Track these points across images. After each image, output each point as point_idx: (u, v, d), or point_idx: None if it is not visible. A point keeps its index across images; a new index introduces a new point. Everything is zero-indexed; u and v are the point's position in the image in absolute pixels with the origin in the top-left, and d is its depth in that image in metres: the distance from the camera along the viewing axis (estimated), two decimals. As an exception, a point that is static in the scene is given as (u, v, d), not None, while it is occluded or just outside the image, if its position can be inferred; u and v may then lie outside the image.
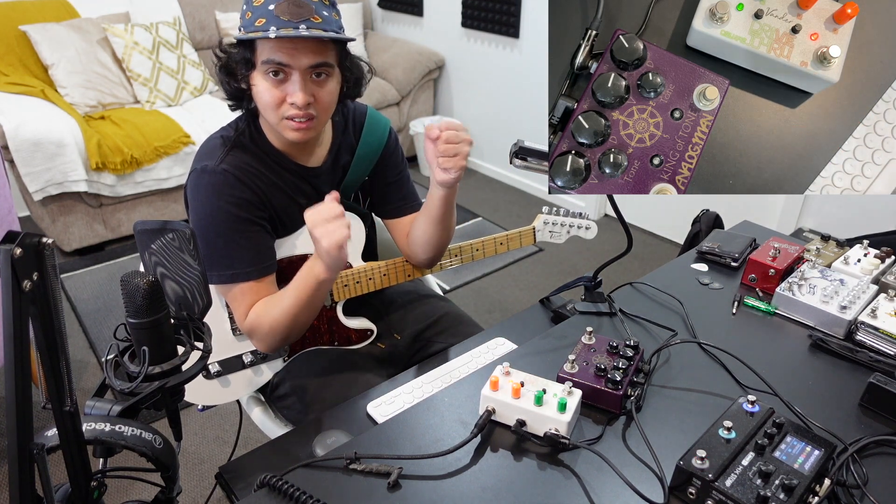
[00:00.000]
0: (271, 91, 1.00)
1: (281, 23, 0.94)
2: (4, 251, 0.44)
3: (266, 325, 1.06)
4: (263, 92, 1.01)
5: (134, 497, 0.70)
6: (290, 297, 1.03)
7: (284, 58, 0.97)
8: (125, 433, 0.57)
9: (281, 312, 1.04)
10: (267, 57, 0.98)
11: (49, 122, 2.61)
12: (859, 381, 0.90)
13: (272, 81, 1.00)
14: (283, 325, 1.05)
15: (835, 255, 1.19)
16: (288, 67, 0.98)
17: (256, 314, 1.07)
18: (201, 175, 1.05)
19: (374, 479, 0.75)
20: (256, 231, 1.08)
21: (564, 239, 1.40)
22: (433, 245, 1.19)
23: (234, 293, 1.08)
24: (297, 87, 0.99)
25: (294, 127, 1.02)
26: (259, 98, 1.02)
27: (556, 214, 1.37)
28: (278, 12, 0.95)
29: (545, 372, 0.93)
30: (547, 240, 1.39)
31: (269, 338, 1.08)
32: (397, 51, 3.74)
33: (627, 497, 0.72)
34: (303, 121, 1.02)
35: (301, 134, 1.03)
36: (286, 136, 1.05)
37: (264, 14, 0.95)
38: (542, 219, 1.37)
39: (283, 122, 1.03)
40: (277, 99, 1.00)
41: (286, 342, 1.10)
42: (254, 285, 1.07)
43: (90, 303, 2.53)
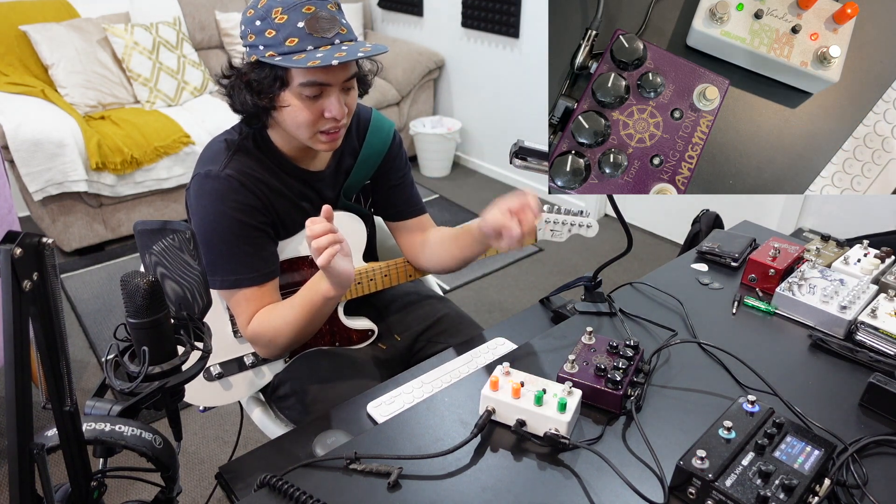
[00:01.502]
0: (307, 110, 0.98)
1: (316, 41, 0.93)
2: (4, 251, 0.44)
3: (269, 335, 1.06)
4: (299, 111, 0.99)
5: (134, 497, 0.70)
6: (295, 310, 1.04)
7: (326, 77, 0.96)
8: (125, 433, 0.57)
9: (285, 324, 1.05)
10: (306, 79, 0.95)
11: (49, 122, 2.61)
12: (859, 381, 0.90)
13: (309, 101, 0.98)
14: (287, 337, 1.06)
15: (835, 255, 1.19)
16: (328, 86, 0.98)
17: (259, 322, 1.07)
18: (205, 180, 1.04)
19: (374, 479, 0.75)
20: (260, 237, 1.07)
21: (566, 237, 1.39)
22: (446, 268, 1.23)
23: (237, 298, 1.07)
24: (335, 102, 0.98)
25: (327, 139, 1.03)
26: (292, 117, 1.00)
27: (557, 213, 1.36)
28: (311, 30, 0.93)
29: (545, 372, 0.93)
30: (548, 238, 1.38)
31: (272, 346, 1.09)
32: (397, 51, 3.74)
33: (627, 497, 0.72)
34: (336, 131, 1.02)
35: (333, 144, 1.04)
36: (317, 149, 1.05)
37: (294, 33, 0.93)
38: (543, 217, 1.37)
39: (316, 136, 1.02)
40: (314, 117, 0.99)
41: (288, 350, 1.10)
42: (257, 291, 1.07)
43: (90, 303, 2.53)
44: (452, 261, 1.21)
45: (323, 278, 0.98)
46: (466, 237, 1.15)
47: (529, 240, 1.01)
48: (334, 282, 0.97)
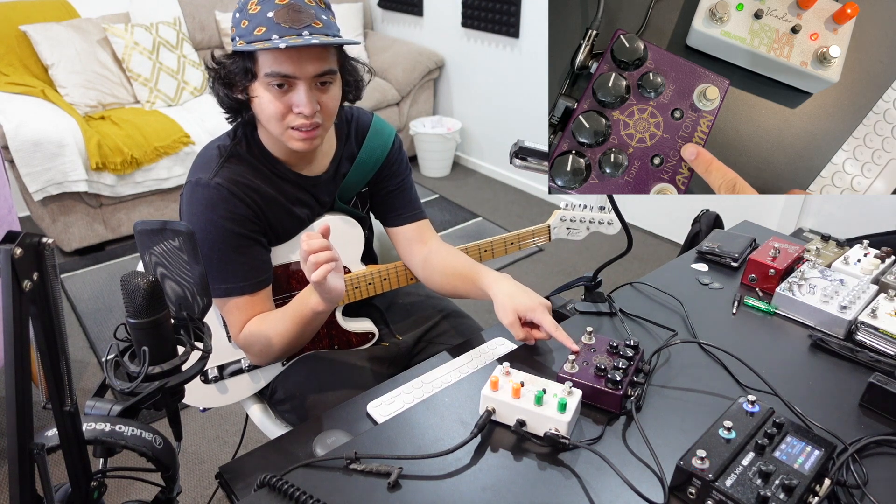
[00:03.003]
0: (275, 102, 0.97)
1: (283, 30, 0.92)
2: (4, 251, 0.44)
3: (260, 344, 1.06)
4: (267, 104, 0.98)
5: (134, 497, 0.70)
6: (285, 322, 1.03)
7: (290, 69, 0.95)
8: (125, 433, 0.57)
9: (275, 334, 1.04)
10: (271, 69, 0.95)
11: (49, 122, 2.61)
12: (859, 381, 0.90)
13: (276, 92, 0.97)
14: (278, 347, 1.05)
15: (835, 255, 1.19)
16: (293, 78, 0.96)
17: (251, 332, 1.06)
18: (195, 188, 1.03)
19: (374, 479, 0.75)
20: (251, 245, 1.06)
21: (584, 235, 1.34)
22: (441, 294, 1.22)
23: (228, 307, 1.07)
24: (303, 98, 0.96)
25: (300, 137, 1.00)
26: (262, 110, 0.99)
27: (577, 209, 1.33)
28: (279, 20, 0.92)
29: (545, 372, 0.93)
30: (564, 237, 1.34)
31: (264, 355, 1.08)
32: (397, 51, 3.74)
33: (627, 497, 0.72)
34: (309, 129, 1.00)
35: (307, 143, 1.01)
36: (291, 147, 1.02)
37: (263, 22, 0.92)
38: (560, 215, 1.33)
39: (287, 132, 1.00)
40: (282, 110, 0.98)
41: (282, 359, 1.10)
42: (248, 300, 1.07)
43: (90, 303, 2.53)
44: (451, 292, 1.18)
45: (313, 293, 0.97)
46: (473, 288, 1.12)
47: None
48: (325, 297, 0.96)
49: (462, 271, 1.14)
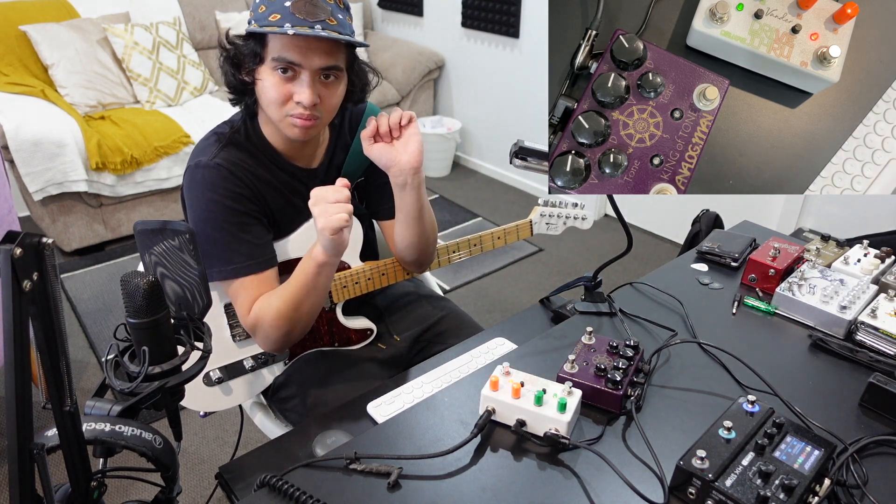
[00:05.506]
0: (278, 87, 0.99)
1: (297, 21, 0.94)
2: (4, 251, 0.44)
3: (269, 318, 1.04)
4: (270, 87, 1.00)
5: (134, 497, 0.70)
6: (291, 285, 1.03)
7: (296, 56, 0.97)
8: (125, 433, 0.57)
9: (283, 302, 1.03)
10: (278, 54, 0.97)
11: (49, 122, 2.61)
12: (859, 381, 0.90)
13: (280, 78, 0.99)
14: (286, 316, 1.03)
15: (835, 255, 1.19)
16: (298, 66, 0.98)
17: (259, 307, 1.06)
18: (195, 171, 1.05)
19: (374, 479, 0.75)
20: (253, 224, 1.07)
21: (561, 230, 1.39)
22: (415, 247, 1.19)
23: (235, 288, 1.07)
24: (305, 87, 0.99)
25: (297, 124, 1.02)
26: (264, 93, 1.02)
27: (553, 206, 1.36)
28: (294, 10, 0.94)
29: (545, 372, 0.93)
30: (544, 232, 1.38)
31: (273, 331, 1.06)
32: (397, 51, 3.74)
33: (627, 497, 0.72)
34: (306, 118, 1.01)
35: (302, 132, 1.03)
36: (287, 133, 1.04)
37: (280, 10, 0.95)
38: (539, 211, 1.37)
39: (285, 118, 1.02)
40: (284, 95, 1.00)
41: (290, 337, 1.07)
42: (255, 279, 1.07)
43: (90, 303, 2.53)
44: (413, 240, 1.17)
45: (316, 244, 0.99)
46: (402, 216, 1.15)
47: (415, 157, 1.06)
48: (325, 245, 0.96)
49: (396, 216, 1.17)
